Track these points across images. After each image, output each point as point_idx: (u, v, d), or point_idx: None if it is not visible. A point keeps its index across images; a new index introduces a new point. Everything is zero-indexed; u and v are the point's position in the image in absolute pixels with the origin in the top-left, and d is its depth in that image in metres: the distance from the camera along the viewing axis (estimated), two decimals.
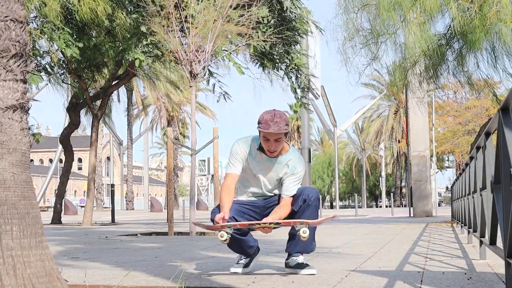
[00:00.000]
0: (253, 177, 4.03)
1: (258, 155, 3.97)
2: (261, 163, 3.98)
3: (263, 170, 3.99)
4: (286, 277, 3.84)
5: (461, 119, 36.38)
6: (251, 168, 3.99)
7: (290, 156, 3.98)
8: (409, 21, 12.11)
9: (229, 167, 4.02)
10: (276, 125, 3.76)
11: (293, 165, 3.98)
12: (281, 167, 3.98)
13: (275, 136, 3.80)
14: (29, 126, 2.87)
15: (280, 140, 3.83)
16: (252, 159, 3.98)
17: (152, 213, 35.19)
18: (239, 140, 4.05)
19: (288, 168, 3.98)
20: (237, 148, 4.00)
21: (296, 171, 3.98)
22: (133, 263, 4.75)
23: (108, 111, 26.29)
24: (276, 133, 3.78)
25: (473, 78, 13.79)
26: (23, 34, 2.79)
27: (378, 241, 7.50)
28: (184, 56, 8.81)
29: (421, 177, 19.56)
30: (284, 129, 3.78)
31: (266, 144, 3.85)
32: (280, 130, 3.76)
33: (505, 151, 2.88)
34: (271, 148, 3.85)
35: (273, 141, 3.82)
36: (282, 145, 3.90)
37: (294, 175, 3.98)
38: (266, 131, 3.77)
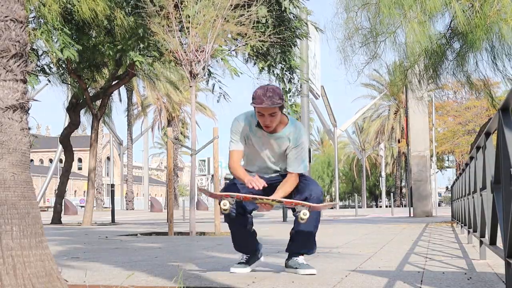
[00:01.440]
0: (256, 153, 4.02)
1: (258, 131, 3.95)
2: (262, 139, 3.96)
3: (265, 145, 3.97)
4: (286, 277, 3.84)
5: (461, 119, 36.37)
6: (253, 143, 3.98)
7: (289, 129, 3.95)
8: (410, 20, 12.11)
9: (231, 144, 4.01)
10: (269, 100, 3.73)
11: (294, 137, 3.95)
12: (283, 141, 3.96)
13: (269, 111, 3.77)
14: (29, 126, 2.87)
15: (275, 115, 3.80)
16: (253, 135, 3.97)
17: (152, 213, 35.19)
18: (238, 117, 4.04)
19: (289, 141, 3.95)
20: (237, 125, 3.99)
21: (298, 143, 3.95)
22: (133, 263, 4.75)
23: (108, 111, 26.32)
24: (269, 108, 3.75)
25: (472, 78, 13.79)
26: (23, 34, 2.78)
27: (378, 241, 7.50)
28: (184, 56, 8.81)
29: (421, 177, 19.56)
30: (278, 103, 3.75)
31: (262, 119, 3.83)
32: (273, 104, 3.73)
33: (505, 151, 2.88)
34: (266, 123, 3.83)
35: (268, 116, 3.80)
36: (278, 120, 3.86)
37: (297, 148, 3.95)
38: (259, 106, 3.74)
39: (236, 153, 3.98)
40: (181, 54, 8.82)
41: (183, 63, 8.86)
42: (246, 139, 3.99)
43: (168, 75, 35.38)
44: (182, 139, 51.68)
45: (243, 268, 4.04)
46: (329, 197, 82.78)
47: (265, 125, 3.85)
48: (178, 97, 45.72)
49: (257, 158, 4.04)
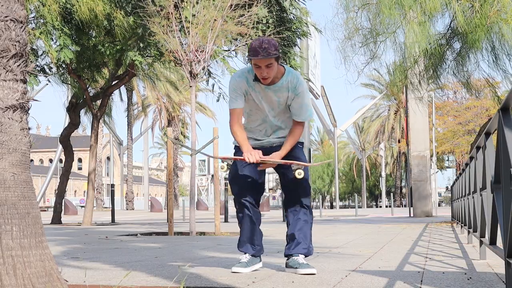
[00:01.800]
0: (256, 107, 4.03)
1: (256, 85, 3.97)
2: (261, 93, 3.98)
3: (265, 98, 3.98)
4: (286, 277, 3.84)
5: (461, 119, 36.37)
6: (253, 98, 4.00)
7: (287, 79, 3.96)
8: (410, 20, 12.12)
9: (231, 103, 4.03)
10: (265, 51, 3.74)
11: (293, 86, 3.97)
12: (282, 92, 3.97)
13: (265, 62, 3.78)
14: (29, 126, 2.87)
15: (271, 66, 3.81)
16: (252, 90, 3.98)
17: (152, 213, 35.19)
18: (235, 75, 4.06)
19: (288, 91, 3.97)
20: (234, 83, 4.01)
21: (298, 92, 3.96)
22: (133, 263, 4.75)
23: (108, 111, 26.31)
24: (265, 59, 3.77)
25: (472, 78, 13.79)
26: (23, 34, 2.78)
27: (378, 241, 7.50)
28: (184, 56, 8.81)
29: (421, 177, 19.56)
30: (274, 54, 3.76)
31: (259, 72, 3.84)
32: (269, 55, 3.74)
33: (505, 151, 2.88)
34: (263, 75, 3.84)
35: (264, 68, 3.81)
36: (275, 71, 3.87)
37: (298, 97, 3.97)
38: (255, 58, 3.76)
39: (235, 111, 4.01)
40: (181, 54, 8.82)
41: (183, 63, 8.86)
42: (245, 94, 4.01)
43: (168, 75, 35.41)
44: (182, 139, 51.67)
45: (245, 268, 4.05)
46: (329, 197, 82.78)
47: (262, 77, 3.86)
48: (178, 97, 45.71)
49: (257, 113, 4.05)
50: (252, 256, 4.12)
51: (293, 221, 4.08)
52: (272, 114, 4.04)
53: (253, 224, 4.10)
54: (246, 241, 4.12)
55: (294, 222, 4.08)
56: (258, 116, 4.07)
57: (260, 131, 4.12)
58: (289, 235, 4.09)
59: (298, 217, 4.07)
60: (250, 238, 4.11)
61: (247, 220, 4.09)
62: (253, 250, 4.12)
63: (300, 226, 4.05)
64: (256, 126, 4.10)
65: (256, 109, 4.04)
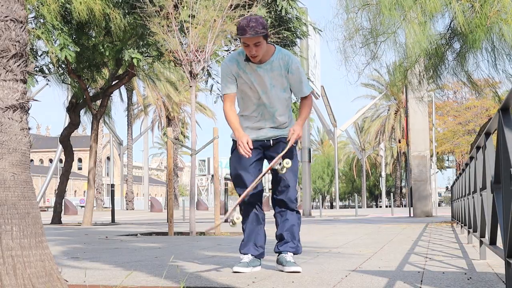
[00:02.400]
0: (249, 91, 4.03)
1: (247, 66, 3.98)
2: (252, 74, 3.98)
3: (257, 79, 3.99)
4: (286, 277, 3.84)
5: (461, 119, 36.38)
6: (245, 80, 4.01)
7: (278, 56, 3.98)
8: (410, 20, 12.12)
9: (223, 88, 4.09)
10: (252, 29, 3.76)
11: (285, 62, 3.98)
12: (273, 70, 3.98)
13: (253, 40, 3.80)
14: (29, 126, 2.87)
15: (259, 44, 3.83)
16: (243, 72, 3.99)
17: (152, 213, 35.19)
18: (225, 59, 4.10)
19: (281, 69, 3.98)
20: (224, 67, 4.05)
21: (293, 69, 3.99)
22: (133, 263, 4.75)
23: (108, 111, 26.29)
24: (253, 37, 3.78)
25: (473, 78, 13.78)
26: (23, 34, 2.78)
27: (378, 241, 7.50)
28: (184, 56, 8.81)
29: (421, 177, 19.56)
30: (262, 32, 3.78)
31: (247, 50, 3.86)
32: (256, 33, 3.76)
33: (505, 151, 2.88)
34: (252, 53, 3.86)
35: (253, 46, 3.83)
36: (264, 49, 3.89)
37: (294, 75, 4.00)
38: (243, 36, 3.78)
39: (228, 97, 4.05)
40: (181, 54, 8.83)
41: (183, 63, 8.86)
42: (236, 77, 4.02)
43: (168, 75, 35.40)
44: (182, 139, 51.67)
45: (246, 268, 4.04)
46: (329, 197, 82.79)
47: (251, 55, 3.87)
48: (178, 97, 45.71)
49: (251, 97, 4.05)
50: (254, 257, 4.13)
51: (281, 222, 4.17)
52: (265, 98, 4.03)
53: (258, 225, 4.12)
54: (250, 242, 4.13)
55: (282, 223, 4.17)
56: (252, 100, 4.06)
57: (255, 117, 4.10)
58: (278, 236, 4.19)
59: (286, 218, 4.15)
60: (254, 239, 4.13)
61: (252, 220, 4.11)
62: (256, 251, 4.13)
63: (287, 227, 4.14)
64: (251, 112, 4.10)
65: (249, 92, 4.04)
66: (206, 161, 51.30)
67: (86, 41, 12.59)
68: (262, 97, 4.03)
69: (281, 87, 4.04)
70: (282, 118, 4.12)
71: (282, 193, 4.12)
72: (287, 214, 4.15)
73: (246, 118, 4.14)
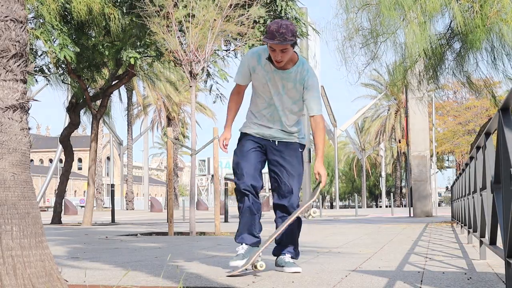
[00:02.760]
0: (263, 87, 4.03)
1: (267, 64, 3.98)
2: (269, 73, 3.99)
3: (272, 80, 3.99)
4: (286, 277, 3.84)
5: (461, 119, 36.38)
6: (260, 77, 4.01)
7: (297, 69, 3.97)
8: (410, 21, 12.11)
9: (236, 76, 4.15)
10: (282, 36, 3.74)
11: (301, 77, 3.97)
12: (288, 81, 3.98)
13: (281, 47, 3.80)
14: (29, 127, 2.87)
15: (286, 51, 3.82)
16: (261, 68, 3.99)
17: (152, 213, 35.19)
18: (250, 50, 4.14)
19: (296, 82, 3.97)
20: (246, 58, 4.08)
21: (308, 85, 3.98)
22: (133, 263, 4.74)
23: (108, 111, 26.30)
24: (281, 45, 3.78)
25: (472, 78, 13.78)
26: (23, 34, 2.78)
27: (378, 241, 7.50)
28: (184, 56, 8.81)
29: (421, 177, 19.56)
30: (290, 40, 3.77)
31: (273, 54, 3.86)
32: (285, 41, 3.75)
33: (505, 151, 2.88)
34: (277, 58, 3.85)
35: (279, 52, 3.82)
36: (289, 56, 3.89)
37: (309, 91, 3.98)
38: (271, 42, 3.77)
39: (237, 87, 4.13)
40: (181, 54, 8.82)
41: (183, 63, 8.86)
42: (252, 72, 4.03)
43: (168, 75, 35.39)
44: (182, 139, 51.67)
45: (241, 261, 3.97)
46: (329, 197, 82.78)
47: (276, 60, 3.87)
48: (178, 97, 45.71)
49: (264, 94, 4.05)
50: (250, 246, 4.05)
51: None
52: (277, 99, 4.03)
53: (253, 215, 4.06)
54: (244, 231, 4.08)
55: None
56: (264, 97, 4.05)
57: (264, 116, 4.08)
58: (277, 240, 4.16)
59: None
60: (249, 229, 4.07)
61: (247, 210, 4.05)
62: (251, 240, 4.06)
63: (288, 232, 4.12)
64: (262, 109, 4.08)
65: (262, 90, 4.04)
66: (206, 161, 51.33)
67: (86, 41, 12.58)
68: (274, 98, 4.02)
69: (292, 99, 4.03)
70: (291, 128, 4.12)
71: (285, 199, 4.09)
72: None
73: (256, 116, 4.12)
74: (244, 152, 4.06)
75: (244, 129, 4.16)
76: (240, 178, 4.02)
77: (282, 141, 4.10)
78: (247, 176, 3.99)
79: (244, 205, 4.05)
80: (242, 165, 4.03)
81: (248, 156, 4.04)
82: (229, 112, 4.17)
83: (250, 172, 4.01)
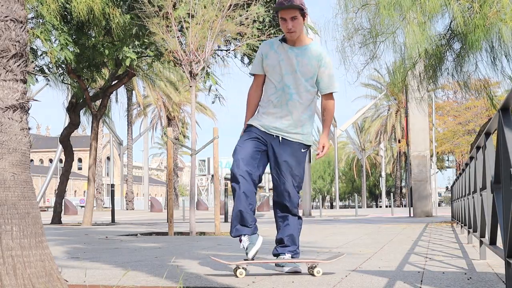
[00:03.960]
0: (273, 72, 4.04)
1: (280, 47, 4.04)
2: (282, 53, 4.03)
3: (285, 60, 4.01)
4: (286, 277, 3.84)
5: (461, 119, 36.37)
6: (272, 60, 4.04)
7: (312, 47, 4.04)
8: (409, 21, 12.11)
9: (252, 66, 4.23)
10: (289, 2, 3.87)
11: (317, 54, 4.02)
12: (303, 58, 4.00)
13: (291, 13, 3.89)
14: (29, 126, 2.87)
15: (296, 19, 3.91)
16: (274, 52, 4.04)
17: (152, 213, 35.19)
18: (263, 42, 4.24)
19: (312, 59, 4.00)
20: (260, 48, 4.16)
21: (326, 62, 4.02)
22: (133, 263, 4.75)
23: (108, 111, 26.30)
24: (290, 10, 3.88)
25: (472, 79, 13.77)
26: (23, 34, 2.78)
27: (378, 241, 7.50)
28: (183, 56, 8.81)
29: (421, 177, 19.56)
30: (298, 5, 3.87)
31: (284, 25, 3.94)
32: (293, 6, 3.86)
33: (505, 151, 2.88)
34: (289, 27, 3.92)
35: (289, 20, 3.90)
36: (301, 26, 3.96)
37: (327, 68, 4.03)
38: (281, 8, 3.88)
39: (255, 78, 4.18)
40: (181, 54, 8.82)
41: (183, 63, 8.86)
42: (264, 58, 4.08)
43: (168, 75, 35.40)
44: (182, 139, 51.67)
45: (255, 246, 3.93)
46: (329, 197, 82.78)
47: (288, 29, 3.93)
48: (178, 97, 45.70)
49: (273, 78, 4.05)
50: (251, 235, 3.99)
51: (282, 227, 4.14)
52: (290, 78, 4.01)
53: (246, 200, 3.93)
54: (237, 222, 3.98)
55: (283, 228, 4.13)
56: (273, 81, 4.05)
57: (272, 102, 4.04)
58: (278, 240, 4.15)
59: (288, 223, 4.12)
60: (241, 220, 3.95)
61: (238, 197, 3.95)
62: (249, 229, 3.98)
63: (288, 232, 4.11)
64: (270, 95, 4.06)
65: (273, 71, 4.04)
66: (206, 161, 51.28)
67: (86, 41, 12.58)
68: (285, 78, 4.01)
69: (306, 75, 4.02)
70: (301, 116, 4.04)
71: (284, 198, 4.08)
72: (289, 219, 4.12)
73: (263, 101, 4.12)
74: (243, 141, 4.05)
75: (250, 121, 4.15)
76: (234, 164, 3.99)
77: (286, 138, 4.04)
78: (242, 162, 3.94)
79: (238, 191, 3.95)
80: (238, 151, 4.01)
81: (246, 144, 4.02)
82: (248, 107, 4.18)
83: (246, 159, 3.96)
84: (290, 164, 4.04)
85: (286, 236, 4.10)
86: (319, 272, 3.85)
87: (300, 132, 4.07)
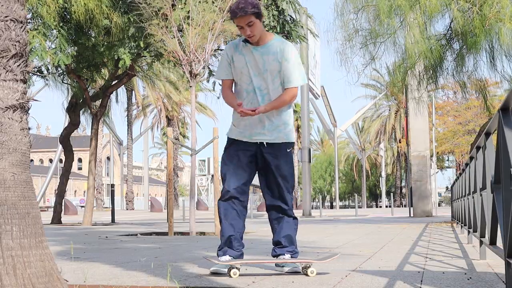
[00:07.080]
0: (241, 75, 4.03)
1: (245, 48, 4.02)
2: (247, 55, 4.01)
3: (251, 61, 4.00)
4: (286, 277, 3.84)
5: (461, 119, 36.39)
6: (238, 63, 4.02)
7: (275, 43, 4.01)
8: (409, 22, 12.11)
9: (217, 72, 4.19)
10: (242, 10, 3.83)
11: (281, 50, 3.99)
12: (268, 55, 3.98)
13: (245, 20, 3.86)
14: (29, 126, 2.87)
15: (252, 24, 3.88)
16: (239, 54, 4.03)
17: (152, 213, 35.19)
18: (227, 44, 4.21)
19: (277, 54, 3.98)
20: (225, 50, 4.13)
21: (287, 56, 3.98)
22: (133, 263, 4.75)
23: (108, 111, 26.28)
24: (243, 17, 3.85)
25: (471, 79, 13.78)
26: (23, 34, 2.78)
27: (378, 241, 7.50)
28: (183, 56, 8.81)
29: (421, 177, 19.56)
30: (252, 11, 3.84)
31: (243, 32, 3.93)
32: (246, 13, 3.83)
33: (505, 151, 2.88)
34: (247, 33, 3.91)
35: (246, 27, 3.89)
36: (259, 29, 3.93)
37: (289, 62, 3.98)
38: (234, 18, 3.88)
39: (223, 83, 4.13)
40: (181, 54, 8.82)
41: (183, 63, 8.86)
42: (231, 62, 4.06)
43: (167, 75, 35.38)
44: (182, 139, 51.67)
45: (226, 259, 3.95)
46: (329, 197, 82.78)
47: (247, 36, 3.93)
48: (178, 97, 45.70)
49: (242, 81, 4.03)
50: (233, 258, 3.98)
51: (278, 229, 4.12)
52: (256, 81, 4.00)
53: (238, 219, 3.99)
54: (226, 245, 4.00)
55: (279, 230, 4.11)
56: (242, 85, 4.04)
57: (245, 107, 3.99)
58: (275, 241, 4.14)
59: (283, 224, 4.10)
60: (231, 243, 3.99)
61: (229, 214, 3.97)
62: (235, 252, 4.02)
63: (285, 234, 4.09)
64: (242, 100, 4.02)
65: (241, 74, 4.03)
66: (206, 161, 51.28)
67: (86, 41, 12.57)
68: (254, 80, 3.99)
69: (275, 73, 3.99)
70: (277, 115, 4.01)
71: (277, 199, 4.06)
72: (284, 220, 4.09)
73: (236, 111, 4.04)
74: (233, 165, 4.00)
75: (230, 134, 4.10)
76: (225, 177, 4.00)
77: (269, 142, 4.02)
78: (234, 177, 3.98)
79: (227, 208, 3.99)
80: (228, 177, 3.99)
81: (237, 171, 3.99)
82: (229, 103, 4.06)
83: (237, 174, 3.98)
84: (280, 167, 4.03)
85: (283, 237, 4.09)
86: (312, 272, 3.84)
87: (283, 130, 4.05)
